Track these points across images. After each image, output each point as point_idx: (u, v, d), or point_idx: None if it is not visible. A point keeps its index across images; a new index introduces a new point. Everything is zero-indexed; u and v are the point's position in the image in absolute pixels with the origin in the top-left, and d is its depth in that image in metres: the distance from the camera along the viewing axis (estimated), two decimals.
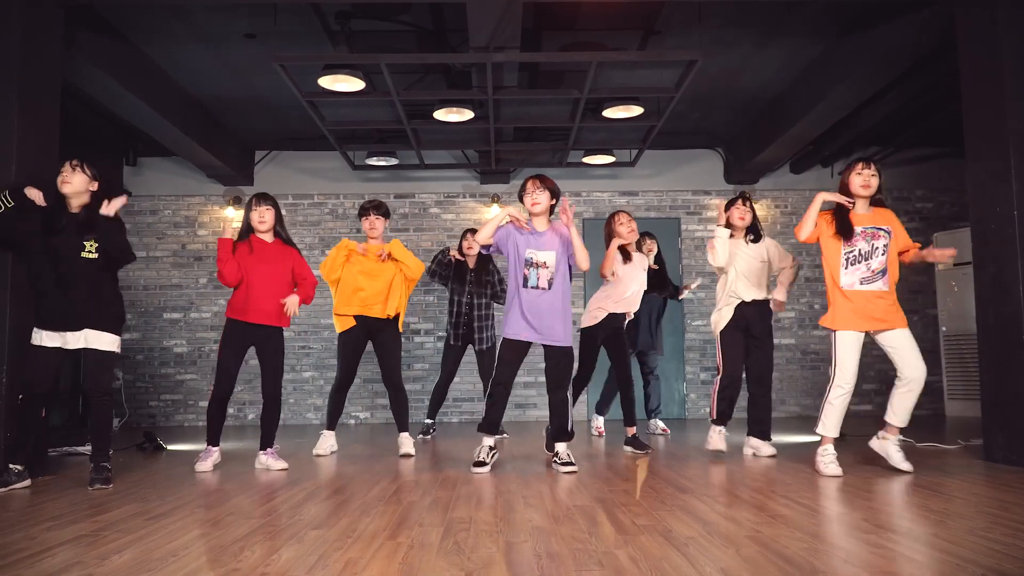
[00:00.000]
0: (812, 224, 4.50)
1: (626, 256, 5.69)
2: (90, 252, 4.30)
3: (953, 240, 8.58)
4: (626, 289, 5.66)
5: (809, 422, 8.07)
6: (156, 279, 9.17)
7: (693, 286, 7.30)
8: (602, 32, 6.35)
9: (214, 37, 6.39)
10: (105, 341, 4.32)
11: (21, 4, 4.80)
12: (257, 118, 8.38)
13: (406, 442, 5.60)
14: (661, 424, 7.07)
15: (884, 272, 4.42)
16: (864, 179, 4.46)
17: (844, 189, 4.54)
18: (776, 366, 9.10)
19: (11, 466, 4.24)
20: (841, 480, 4.14)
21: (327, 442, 5.75)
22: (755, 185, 9.43)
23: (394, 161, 8.78)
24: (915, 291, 9.20)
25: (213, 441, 5.04)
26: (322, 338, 9.12)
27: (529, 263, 4.72)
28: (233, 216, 9.22)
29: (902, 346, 4.42)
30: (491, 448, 4.84)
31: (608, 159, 8.77)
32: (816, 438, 4.61)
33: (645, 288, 5.84)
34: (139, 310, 9.11)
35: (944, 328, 8.70)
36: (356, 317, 5.56)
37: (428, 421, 6.92)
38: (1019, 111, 4.70)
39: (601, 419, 7.04)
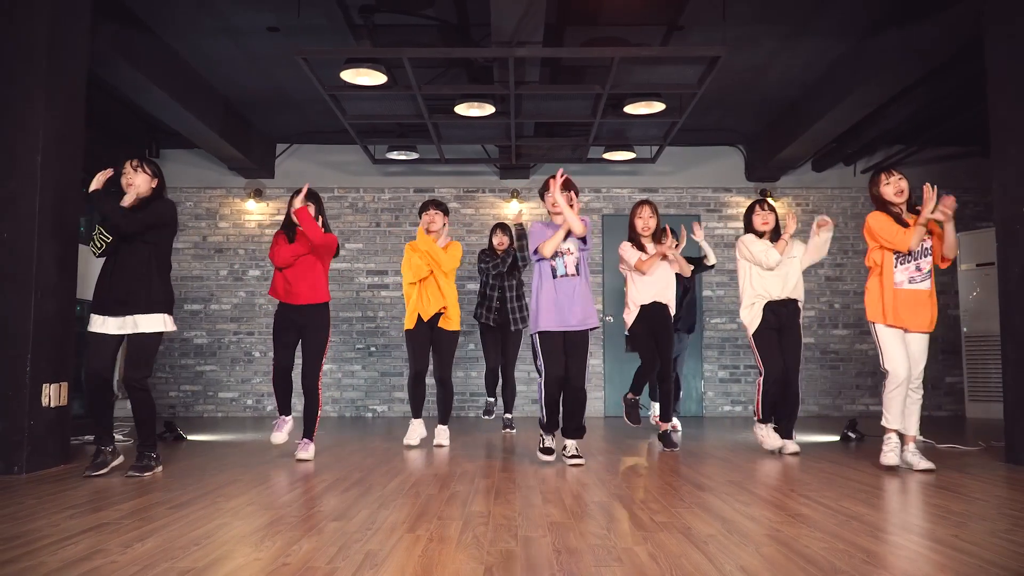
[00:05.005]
0: (920, 234, 4.51)
1: (640, 248, 5.66)
2: (147, 239, 4.39)
3: (976, 240, 8.51)
4: (644, 280, 5.63)
5: (829, 421, 8.03)
6: (177, 270, 9.19)
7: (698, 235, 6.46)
8: (625, 27, 6.33)
9: (238, 30, 6.42)
10: (153, 323, 4.34)
11: None
12: (279, 111, 8.41)
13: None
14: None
15: (930, 272, 4.58)
16: (895, 186, 4.59)
17: (879, 201, 4.65)
18: None
19: (104, 448, 4.39)
20: (862, 480, 4.12)
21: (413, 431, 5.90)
22: (776, 183, 9.37)
23: (414, 155, 8.79)
24: (937, 291, 9.08)
25: (283, 410, 5.17)
26: (340, 331, 9.15)
27: (556, 253, 4.79)
28: (254, 209, 9.30)
29: (914, 349, 4.55)
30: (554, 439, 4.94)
31: (628, 155, 8.74)
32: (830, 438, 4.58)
33: (674, 275, 5.75)
34: None
35: (966, 329, 8.62)
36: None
37: (491, 400, 7.01)
38: None
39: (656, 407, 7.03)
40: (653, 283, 5.62)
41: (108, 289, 4.34)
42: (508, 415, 6.97)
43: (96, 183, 4.34)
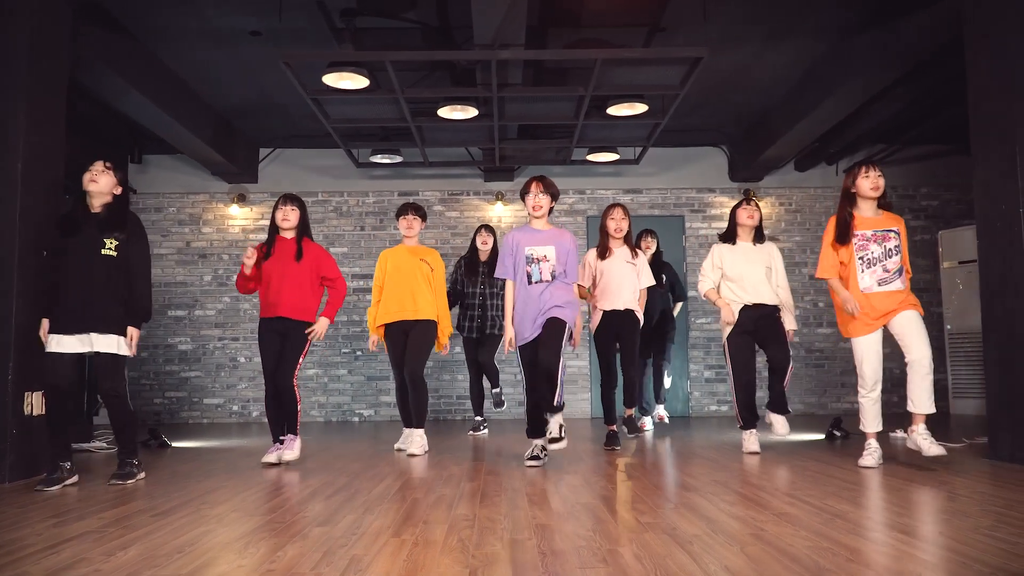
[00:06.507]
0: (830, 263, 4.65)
1: (604, 252, 5.71)
2: (110, 250, 4.29)
3: (958, 238, 8.57)
4: (607, 285, 5.74)
5: (814, 420, 8.06)
6: (160, 276, 9.17)
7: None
8: (607, 29, 6.33)
9: (220, 35, 6.39)
10: (108, 344, 4.24)
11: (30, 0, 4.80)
12: (262, 115, 8.38)
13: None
14: (658, 413, 7.34)
15: (900, 271, 4.51)
16: (872, 181, 4.56)
17: (848, 196, 4.64)
18: None
19: (62, 464, 4.24)
20: (847, 478, 4.13)
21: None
22: (759, 183, 9.41)
23: (398, 159, 8.77)
24: (920, 289, 9.16)
25: (277, 437, 5.10)
26: (326, 336, 9.09)
27: (530, 259, 4.80)
28: (237, 214, 9.26)
29: (907, 329, 4.49)
30: (543, 447, 4.87)
31: (612, 157, 8.75)
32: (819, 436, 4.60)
33: (638, 281, 5.80)
34: None
35: (949, 326, 8.68)
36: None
37: (478, 419, 7.13)
38: None
39: (660, 407, 7.40)
40: (611, 289, 5.74)
41: (66, 304, 4.22)
42: (496, 389, 7.02)
43: None
